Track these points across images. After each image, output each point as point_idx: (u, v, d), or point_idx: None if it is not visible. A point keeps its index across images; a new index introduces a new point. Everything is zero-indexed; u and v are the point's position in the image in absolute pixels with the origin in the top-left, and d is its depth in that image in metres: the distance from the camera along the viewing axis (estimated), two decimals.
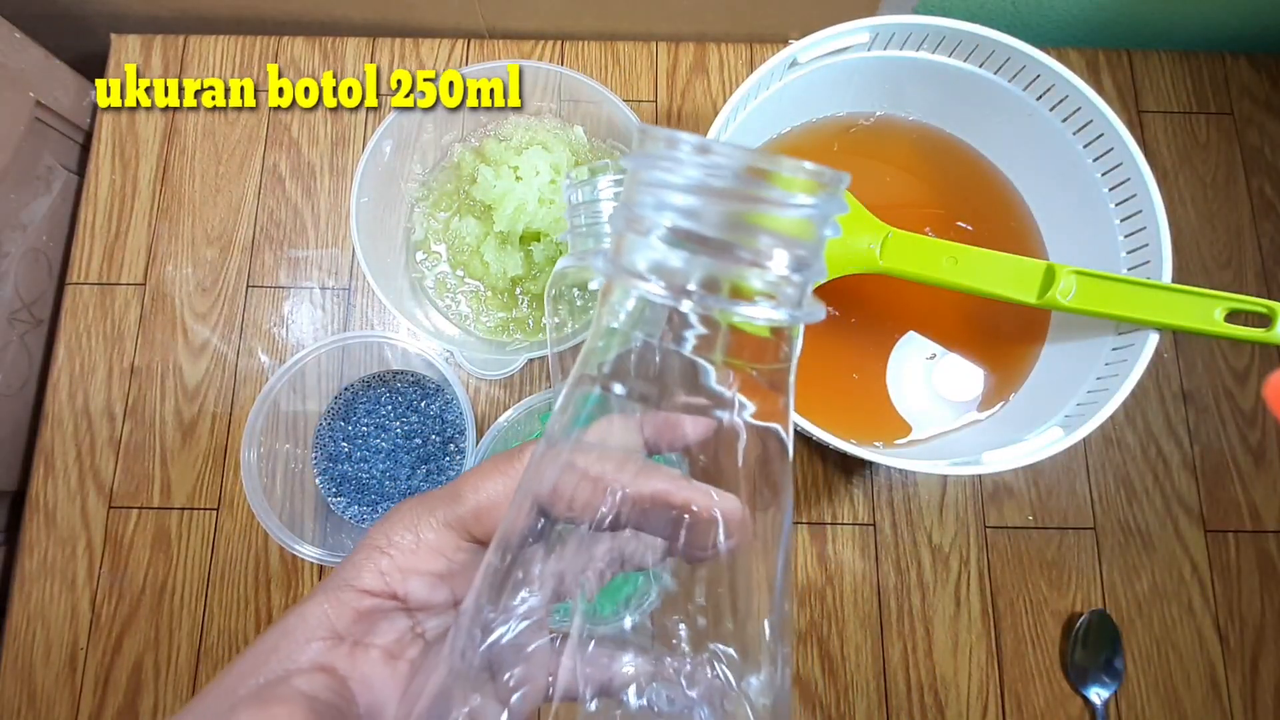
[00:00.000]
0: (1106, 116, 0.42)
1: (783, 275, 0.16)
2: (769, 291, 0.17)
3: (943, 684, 0.49)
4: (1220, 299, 0.39)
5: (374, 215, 0.50)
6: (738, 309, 0.16)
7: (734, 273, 0.16)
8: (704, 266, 0.16)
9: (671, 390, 0.18)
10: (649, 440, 0.19)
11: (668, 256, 0.16)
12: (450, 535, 0.19)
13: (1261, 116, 0.59)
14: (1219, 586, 0.51)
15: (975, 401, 0.48)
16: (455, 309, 0.53)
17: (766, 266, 0.16)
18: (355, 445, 0.51)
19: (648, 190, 0.17)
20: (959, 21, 0.43)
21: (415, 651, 0.19)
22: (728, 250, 0.16)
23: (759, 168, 0.16)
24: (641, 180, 0.17)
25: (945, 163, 0.51)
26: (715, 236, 0.16)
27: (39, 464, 0.53)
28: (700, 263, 0.16)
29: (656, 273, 0.16)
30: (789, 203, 0.16)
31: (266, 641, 0.19)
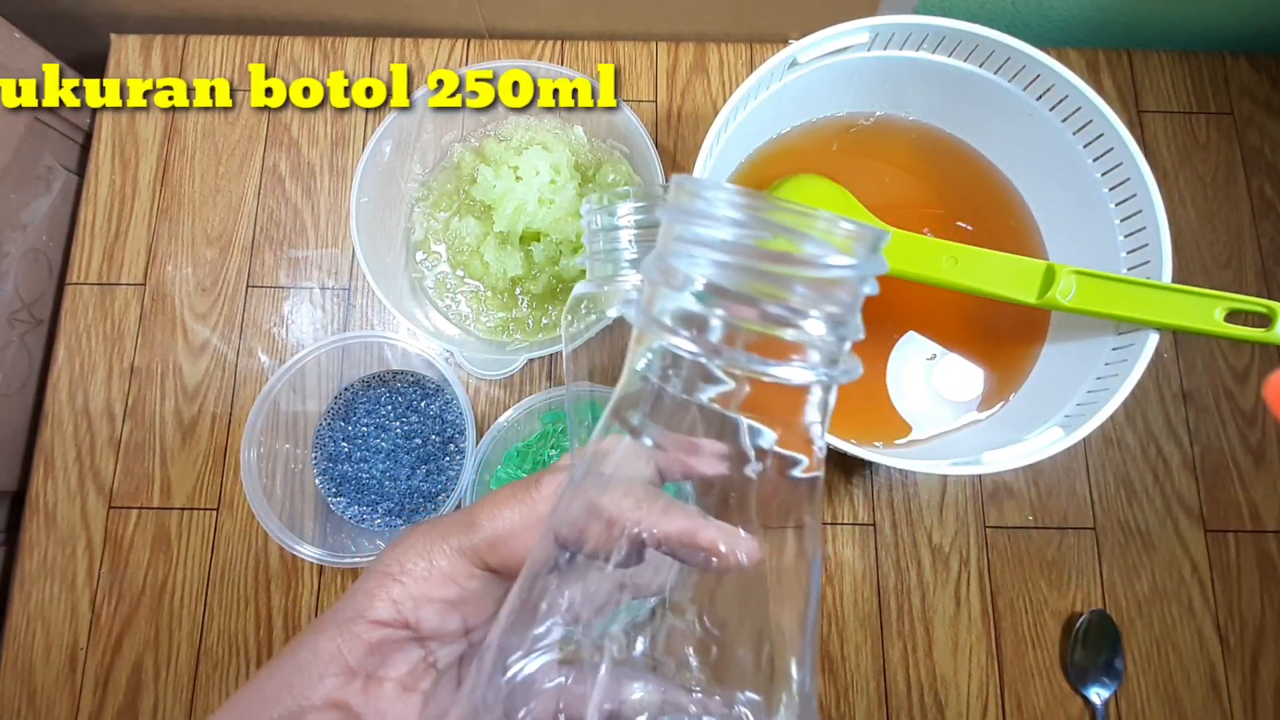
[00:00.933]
0: (1106, 116, 0.42)
1: (819, 334, 0.16)
2: (803, 348, 0.16)
3: (943, 684, 0.49)
4: (1220, 299, 0.39)
5: (374, 215, 0.50)
6: (769, 368, 0.16)
7: (766, 330, 0.16)
8: (736, 323, 0.16)
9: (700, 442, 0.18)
10: (664, 469, 0.19)
11: (699, 311, 0.16)
12: (463, 563, 0.19)
13: (1261, 116, 0.59)
14: (1219, 586, 0.51)
15: (975, 401, 0.48)
16: (455, 309, 0.53)
17: (800, 326, 0.16)
18: (355, 445, 0.51)
19: (681, 244, 0.16)
20: (959, 21, 0.43)
21: (428, 682, 0.19)
22: (761, 307, 0.16)
23: (796, 227, 0.16)
24: (675, 234, 0.16)
25: (945, 163, 0.51)
26: (748, 293, 0.16)
27: (39, 464, 0.53)
28: (733, 319, 0.16)
29: (687, 326, 0.16)
30: (826, 263, 0.16)
31: (278, 676, 0.19)
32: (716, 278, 0.16)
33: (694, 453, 0.18)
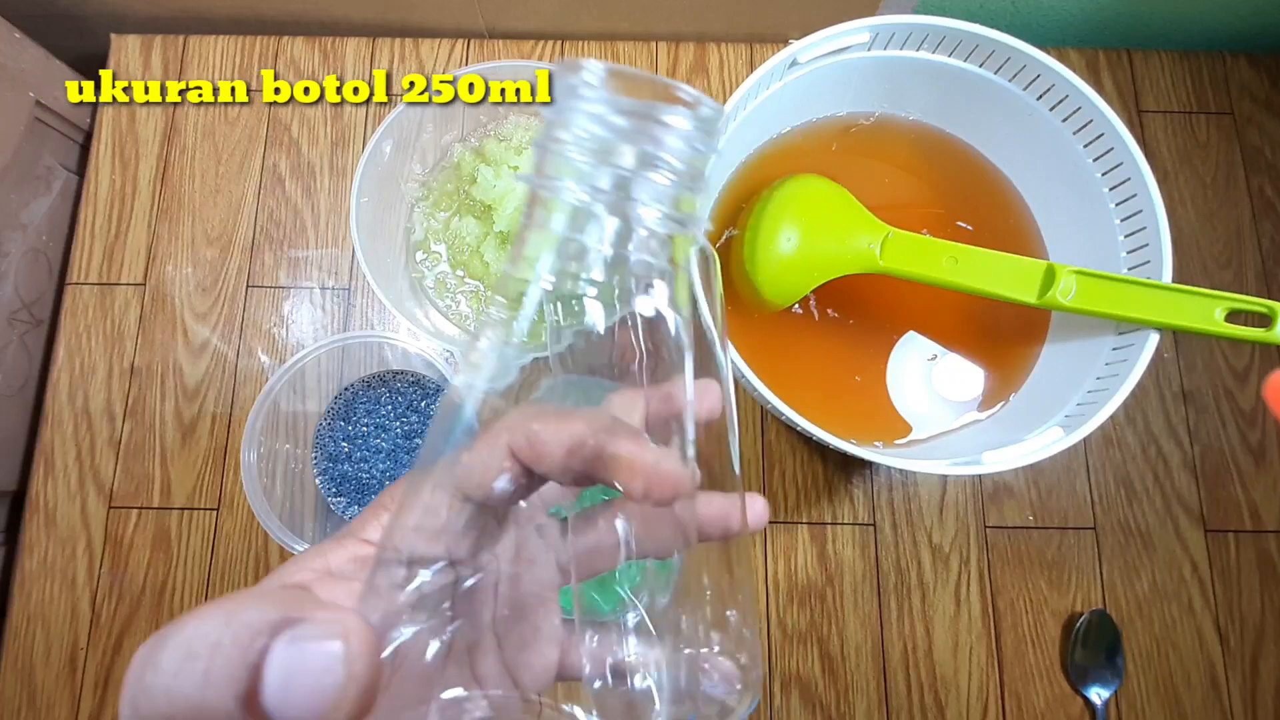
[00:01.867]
0: (1106, 116, 0.42)
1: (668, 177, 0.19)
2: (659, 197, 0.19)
3: (943, 684, 0.49)
4: (1220, 299, 0.39)
5: (374, 215, 0.50)
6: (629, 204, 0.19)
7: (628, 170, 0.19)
8: (606, 171, 0.19)
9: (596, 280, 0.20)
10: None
11: (577, 166, 0.19)
12: (444, 494, 0.20)
13: (1261, 116, 0.59)
14: (1219, 586, 0.51)
15: (975, 401, 0.48)
16: (455, 309, 0.53)
17: (653, 169, 0.19)
18: (355, 445, 0.51)
19: (558, 117, 0.19)
20: (959, 21, 0.43)
21: None
22: (622, 154, 0.19)
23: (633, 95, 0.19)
24: (554, 111, 0.19)
25: (945, 163, 0.51)
26: (613, 144, 0.19)
27: (39, 464, 0.53)
28: (603, 168, 0.19)
29: (573, 178, 0.19)
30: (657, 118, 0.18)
31: (270, 576, 0.20)
32: (584, 140, 0.19)
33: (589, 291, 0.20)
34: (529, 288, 0.20)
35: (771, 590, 0.51)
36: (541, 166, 0.19)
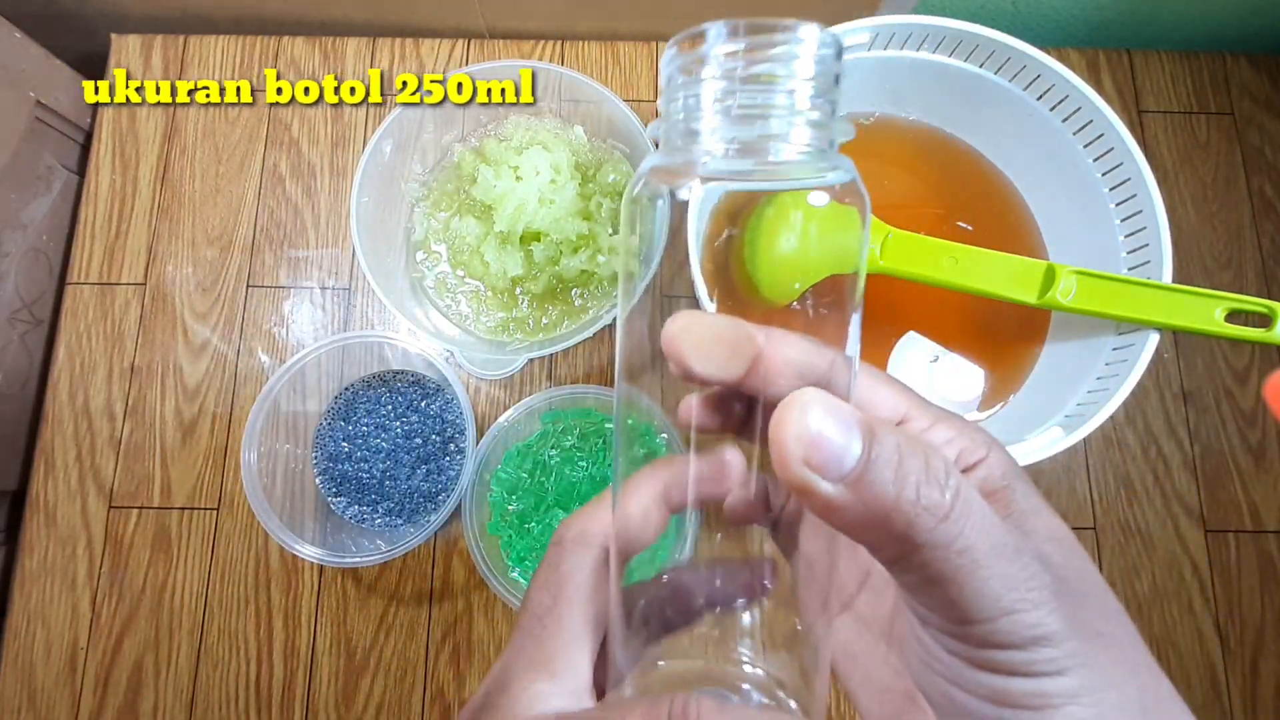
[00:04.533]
0: (1106, 116, 0.42)
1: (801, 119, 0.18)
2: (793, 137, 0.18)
3: None
4: (1220, 299, 0.39)
5: (374, 215, 0.50)
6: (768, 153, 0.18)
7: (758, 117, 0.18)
8: (734, 129, 0.18)
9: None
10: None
11: (708, 130, 0.18)
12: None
13: (1261, 116, 0.59)
14: (1219, 586, 0.51)
15: (975, 401, 0.48)
16: (455, 309, 0.53)
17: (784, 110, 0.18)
18: (355, 445, 0.51)
19: (674, 93, 0.19)
20: (959, 21, 0.43)
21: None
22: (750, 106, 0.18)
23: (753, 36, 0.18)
24: (670, 87, 0.19)
25: (945, 163, 0.51)
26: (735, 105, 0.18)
27: (39, 464, 0.53)
28: (731, 127, 0.18)
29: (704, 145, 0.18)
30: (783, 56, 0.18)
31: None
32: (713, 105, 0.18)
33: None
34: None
35: None
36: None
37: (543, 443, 0.50)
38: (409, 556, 0.51)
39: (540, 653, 0.18)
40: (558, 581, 0.19)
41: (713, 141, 0.18)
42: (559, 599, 0.19)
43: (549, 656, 0.18)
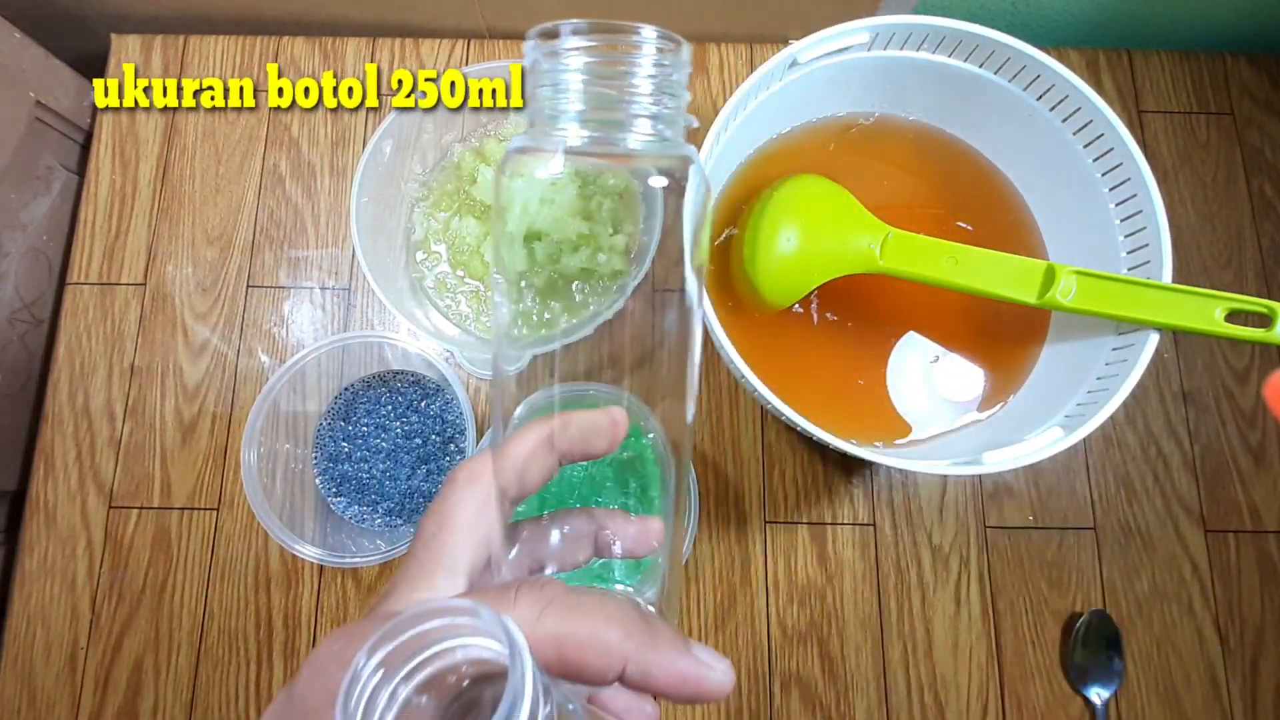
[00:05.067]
0: (1106, 116, 0.42)
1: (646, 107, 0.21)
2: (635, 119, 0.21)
3: (943, 684, 0.49)
4: (1220, 299, 0.39)
5: (374, 215, 0.50)
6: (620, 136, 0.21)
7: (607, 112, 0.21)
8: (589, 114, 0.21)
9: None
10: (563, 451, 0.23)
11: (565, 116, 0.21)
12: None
13: (1261, 116, 0.59)
14: (1219, 586, 0.51)
15: (975, 401, 0.48)
16: (455, 309, 0.53)
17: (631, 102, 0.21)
18: (355, 445, 0.51)
19: (540, 79, 0.21)
20: (959, 21, 0.43)
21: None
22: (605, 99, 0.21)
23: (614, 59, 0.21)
24: (536, 74, 0.22)
25: (945, 163, 0.51)
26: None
27: (39, 464, 0.53)
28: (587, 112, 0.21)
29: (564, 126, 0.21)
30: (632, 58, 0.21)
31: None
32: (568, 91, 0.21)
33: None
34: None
35: (771, 590, 0.51)
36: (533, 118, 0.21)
37: None
38: None
39: (421, 570, 0.21)
40: (443, 511, 0.22)
41: (573, 127, 0.21)
42: (443, 526, 0.21)
43: (429, 572, 0.21)
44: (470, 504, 0.22)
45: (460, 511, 0.22)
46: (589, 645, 0.17)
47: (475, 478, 0.22)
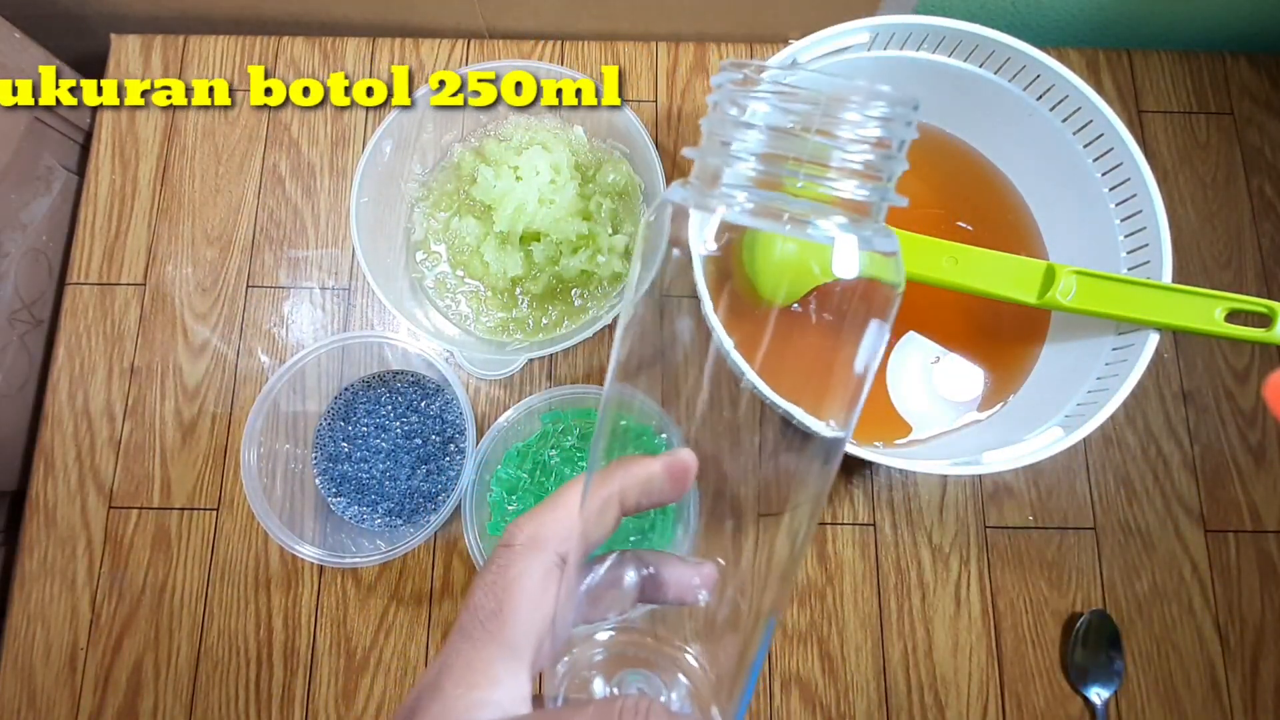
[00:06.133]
0: (1106, 116, 0.42)
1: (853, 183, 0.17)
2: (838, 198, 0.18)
3: (943, 684, 0.49)
4: (1220, 299, 0.39)
5: (374, 215, 0.50)
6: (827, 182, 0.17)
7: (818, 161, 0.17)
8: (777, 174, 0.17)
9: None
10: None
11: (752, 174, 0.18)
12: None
13: (1261, 116, 0.59)
14: (1219, 586, 0.51)
15: (975, 401, 0.48)
16: (455, 309, 0.53)
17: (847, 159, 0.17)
18: (355, 445, 0.51)
19: (726, 125, 0.18)
20: (959, 21, 0.43)
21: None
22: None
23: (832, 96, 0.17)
24: (722, 119, 0.18)
25: (945, 163, 0.51)
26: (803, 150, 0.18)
27: (39, 464, 0.53)
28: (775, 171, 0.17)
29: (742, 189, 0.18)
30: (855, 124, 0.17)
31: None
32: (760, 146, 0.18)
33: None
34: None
35: None
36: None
37: (543, 443, 0.50)
38: (409, 556, 0.51)
39: (478, 657, 0.18)
40: (504, 585, 0.19)
41: (757, 192, 0.17)
42: (504, 604, 0.19)
43: (488, 662, 0.18)
44: (534, 575, 0.19)
45: (524, 584, 0.19)
46: None
47: (538, 542, 0.20)
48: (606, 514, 0.20)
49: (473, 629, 0.18)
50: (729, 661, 0.21)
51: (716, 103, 0.18)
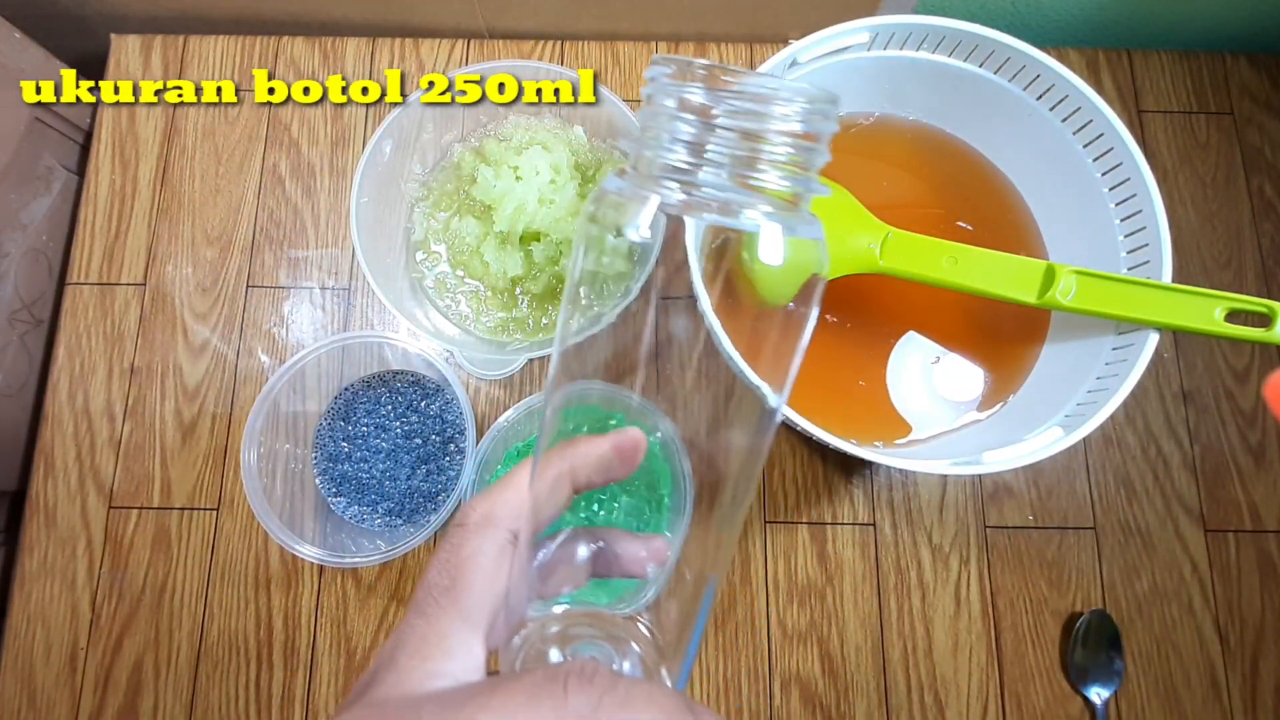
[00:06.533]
0: (1106, 116, 0.42)
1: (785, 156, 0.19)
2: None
3: (943, 684, 0.49)
4: (1220, 299, 0.39)
5: (374, 215, 0.50)
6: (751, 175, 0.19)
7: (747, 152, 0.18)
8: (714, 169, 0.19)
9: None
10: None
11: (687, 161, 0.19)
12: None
13: (1261, 116, 0.59)
14: (1219, 586, 0.51)
15: (975, 401, 0.48)
16: (455, 309, 0.53)
17: (769, 150, 0.18)
18: (355, 445, 0.51)
19: (657, 121, 0.19)
20: (959, 21, 0.43)
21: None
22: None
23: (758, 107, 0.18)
24: (654, 112, 0.19)
25: (945, 163, 0.51)
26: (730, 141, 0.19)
27: (39, 464, 0.53)
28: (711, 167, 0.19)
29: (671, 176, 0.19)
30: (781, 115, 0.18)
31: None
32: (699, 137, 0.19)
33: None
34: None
35: (771, 590, 0.51)
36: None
37: None
38: (409, 556, 0.51)
39: (433, 631, 0.19)
40: (458, 563, 0.20)
41: (688, 183, 0.18)
42: (458, 580, 0.19)
43: (442, 634, 0.18)
44: (488, 552, 0.20)
45: (478, 561, 0.20)
46: None
47: (491, 520, 0.20)
48: (558, 492, 0.21)
49: (427, 605, 0.19)
50: (673, 625, 0.22)
51: (650, 96, 0.19)
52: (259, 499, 0.46)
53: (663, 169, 0.19)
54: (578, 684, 0.16)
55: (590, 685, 0.16)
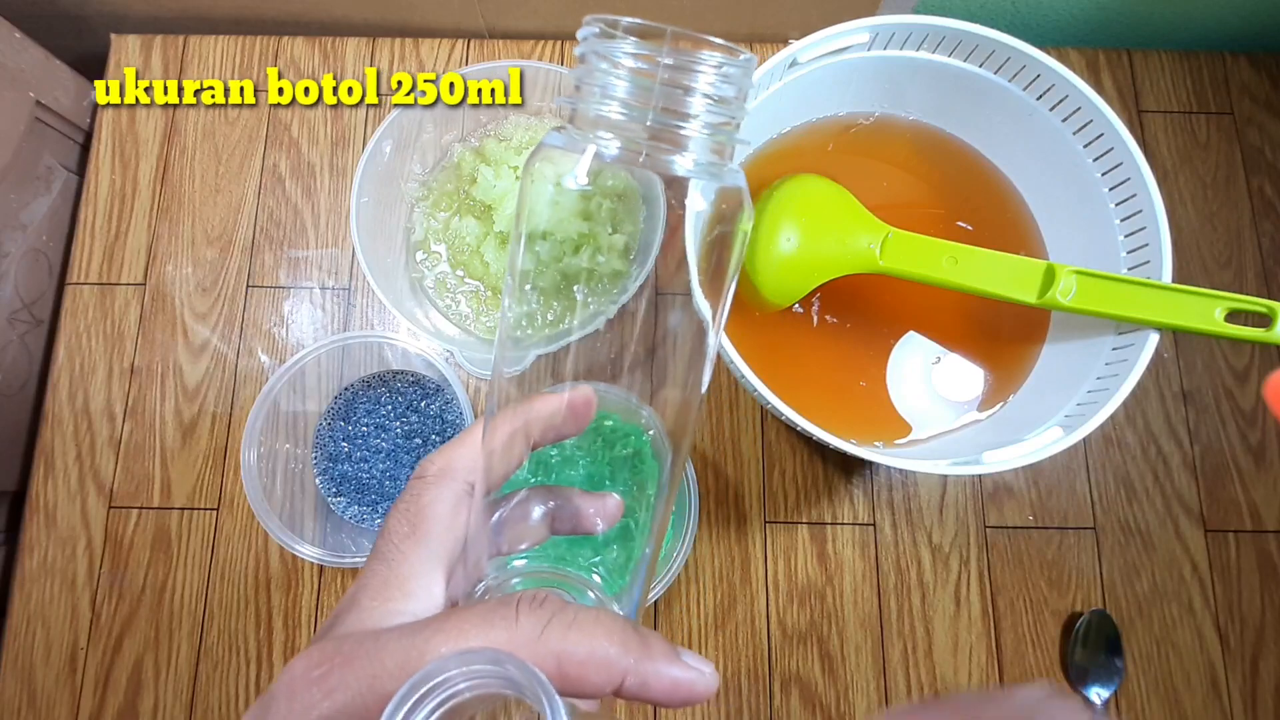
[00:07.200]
0: (1106, 116, 0.42)
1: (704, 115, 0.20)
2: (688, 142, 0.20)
3: (943, 684, 0.49)
4: (1220, 299, 0.39)
5: (374, 215, 0.50)
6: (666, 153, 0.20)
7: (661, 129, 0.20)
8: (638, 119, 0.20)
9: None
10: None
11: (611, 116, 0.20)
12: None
13: (1261, 116, 0.59)
14: (1219, 586, 0.51)
15: (975, 401, 0.48)
16: (455, 309, 0.53)
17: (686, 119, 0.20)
18: (355, 445, 0.51)
19: (590, 76, 0.21)
20: (959, 21, 0.43)
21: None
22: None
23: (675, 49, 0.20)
24: (587, 69, 0.21)
25: (945, 163, 0.51)
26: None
27: (39, 464, 0.53)
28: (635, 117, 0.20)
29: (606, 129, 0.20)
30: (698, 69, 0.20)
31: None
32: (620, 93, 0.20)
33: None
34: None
35: (771, 590, 0.51)
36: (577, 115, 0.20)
37: None
38: None
39: (394, 575, 0.19)
40: (417, 511, 0.21)
41: (622, 133, 0.20)
42: (417, 527, 0.20)
43: (403, 578, 0.19)
44: (446, 501, 0.21)
45: (436, 509, 0.21)
46: (589, 661, 0.17)
47: (448, 472, 0.22)
48: (513, 448, 0.22)
49: (388, 551, 0.20)
50: (619, 564, 0.24)
51: (583, 55, 0.21)
52: (259, 499, 0.46)
53: (597, 122, 0.20)
54: (528, 607, 0.17)
55: (541, 609, 0.17)
